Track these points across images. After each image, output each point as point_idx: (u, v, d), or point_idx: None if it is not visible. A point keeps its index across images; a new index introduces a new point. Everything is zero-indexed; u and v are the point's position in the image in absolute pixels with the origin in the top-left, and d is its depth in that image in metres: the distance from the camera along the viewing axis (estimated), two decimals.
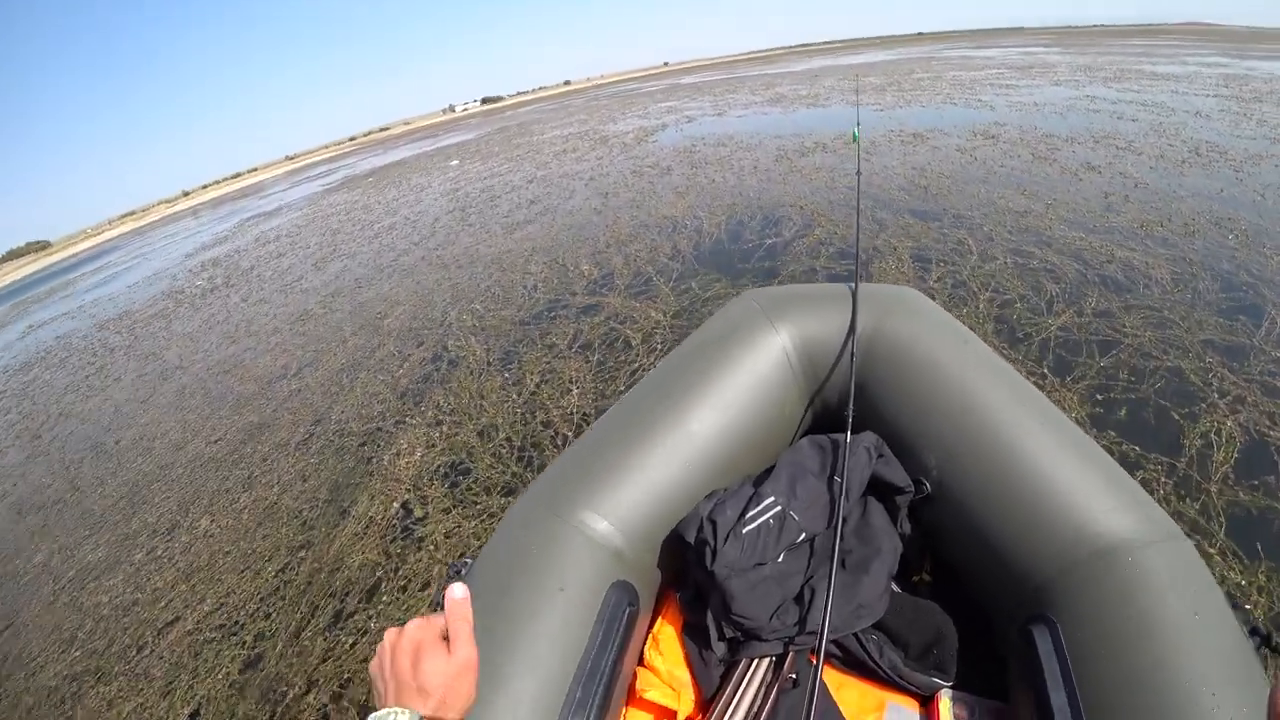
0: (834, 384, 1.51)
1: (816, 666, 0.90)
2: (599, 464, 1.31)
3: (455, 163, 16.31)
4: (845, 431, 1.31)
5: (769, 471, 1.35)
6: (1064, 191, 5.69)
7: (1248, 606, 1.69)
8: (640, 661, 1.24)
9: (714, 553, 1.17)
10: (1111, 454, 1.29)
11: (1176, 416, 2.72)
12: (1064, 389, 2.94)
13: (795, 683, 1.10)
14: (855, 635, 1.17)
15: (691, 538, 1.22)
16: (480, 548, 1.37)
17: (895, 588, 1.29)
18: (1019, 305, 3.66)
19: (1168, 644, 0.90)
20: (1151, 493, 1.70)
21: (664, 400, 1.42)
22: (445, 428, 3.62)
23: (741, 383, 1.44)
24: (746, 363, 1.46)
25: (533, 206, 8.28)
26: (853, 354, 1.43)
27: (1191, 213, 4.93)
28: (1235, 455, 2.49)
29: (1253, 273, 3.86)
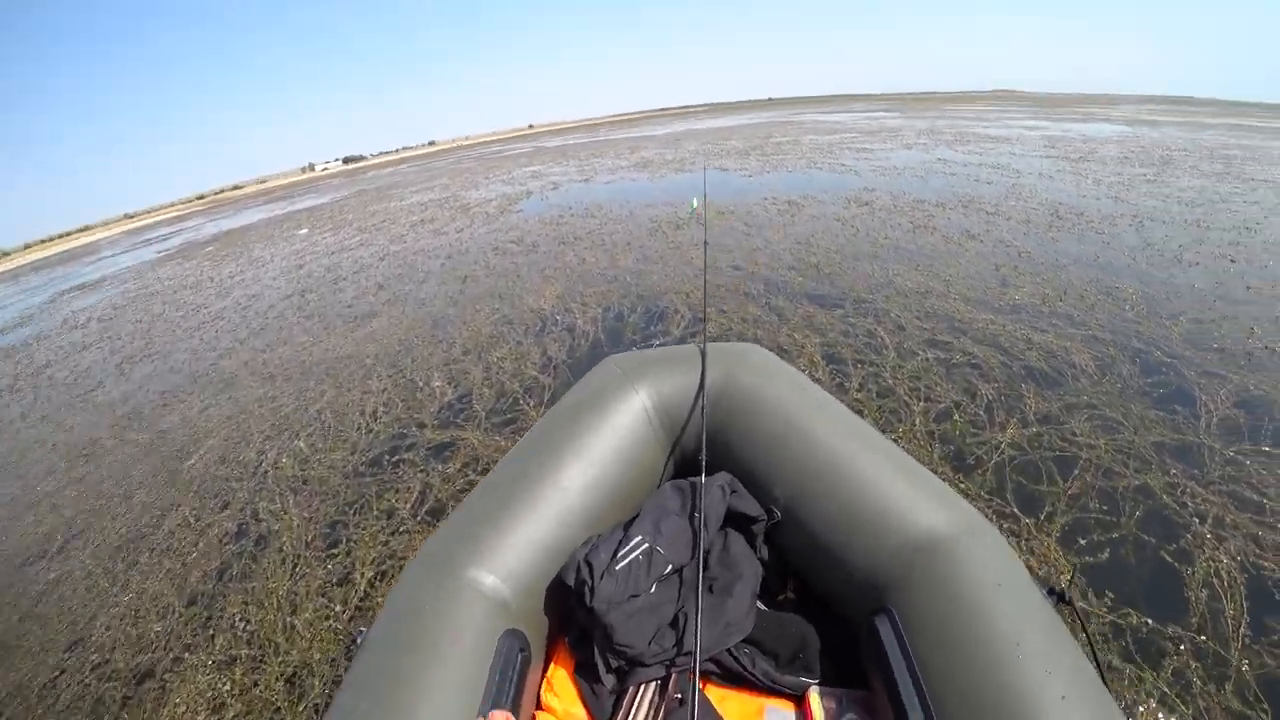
0: (689, 433, 1.70)
1: (694, 683, 1.08)
2: (483, 523, 1.42)
3: (304, 231, 14.83)
4: (700, 474, 1.52)
5: (638, 516, 1.51)
6: (955, 265, 5.56)
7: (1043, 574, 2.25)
8: (538, 705, 1.33)
9: (592, 590, 1.29)
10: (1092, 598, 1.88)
11: (1169, 558, 2.34)
12: (1041, 533, 2.45)
13: (681, 701, 1.23)
14: (729, 651, 1.33)
15: (571, 580, 1.34)
16: (375, 615, 1.37)
17: (761, 605, 1.48)
18: (958, 417, 3.21)
19: (982, 614, 1.09)
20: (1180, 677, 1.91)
21: (539, 460, 1.56)
22: (240, 673, 2.46)
23: (607, 439, 1.61)
24: (611, 421, 1.64)
25: (381, 293, 7.25)
26: (703, 406, 1.66)
27: (1081, 283, 4.91)
28: (1245, 603, 2.14)
29: (1163, 348, 3.75)
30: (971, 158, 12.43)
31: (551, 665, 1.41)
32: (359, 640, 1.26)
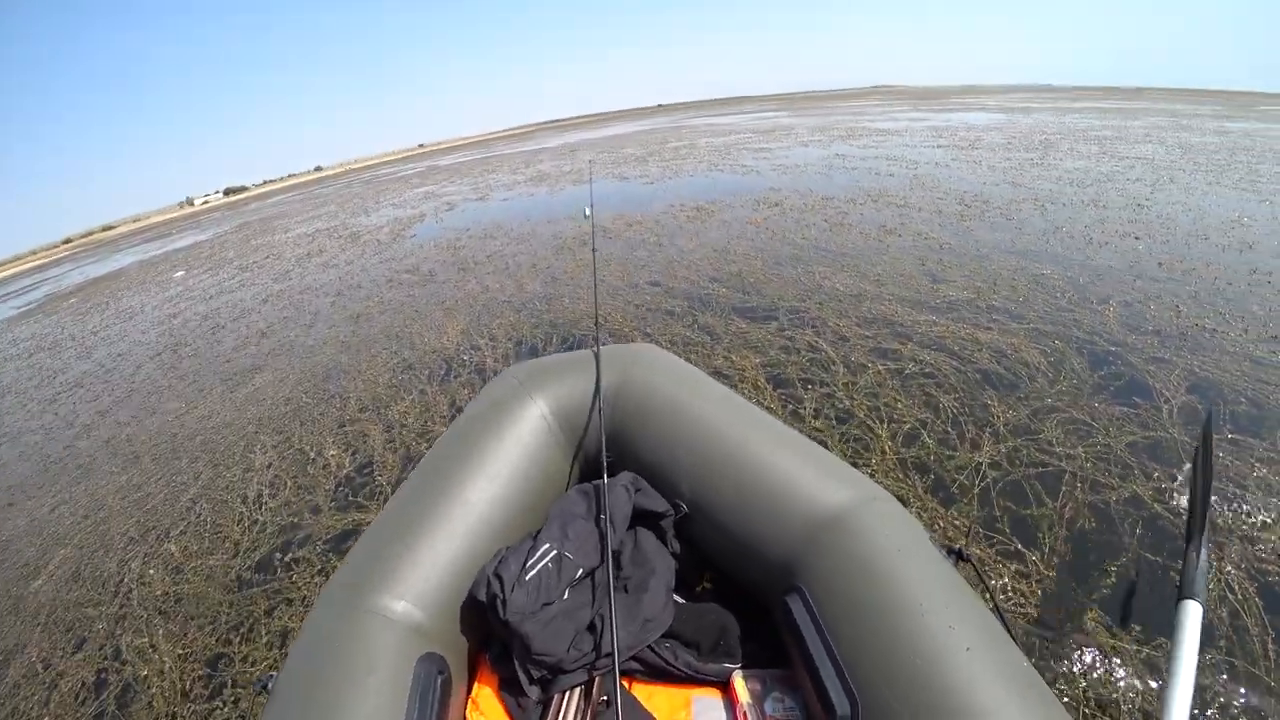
0: (590, 437, 1.73)
1: (617, 682, 1.09)
2: (388, 549, 1.40)
3: (180, 274, 13.27)
4: (603, 475, 1.55)
5: (545, 524, 1.52)
6: (880, 263, 5.37)
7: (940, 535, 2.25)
8: None
9: (504, 603, 1.29)
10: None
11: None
12: (1044, 566, 2.17)
13: (608, 703, 1.23)
14: (650, 647, 1.34)
15: (483, 595, 1.33)
16: (284, 657, 1.44)
17: (678, 599, 1.51)
18: (927, 438, 2.90)
19: (887, 580, 1.13)
20: None
21: (442, 478, 1.55)
22: None
23: (509, 450, 1.63)
24: (511, 432, 1.66)
25: (264, 342, 6.38)
26: (600, 409, 1.71)
27: (1007, 272, 4.81)
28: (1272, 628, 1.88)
29: (1104, 336, 3.65)
30: (867, 151, 12.63)
31: (475, 685, 1.39)
32: (270, 685, 1.22)
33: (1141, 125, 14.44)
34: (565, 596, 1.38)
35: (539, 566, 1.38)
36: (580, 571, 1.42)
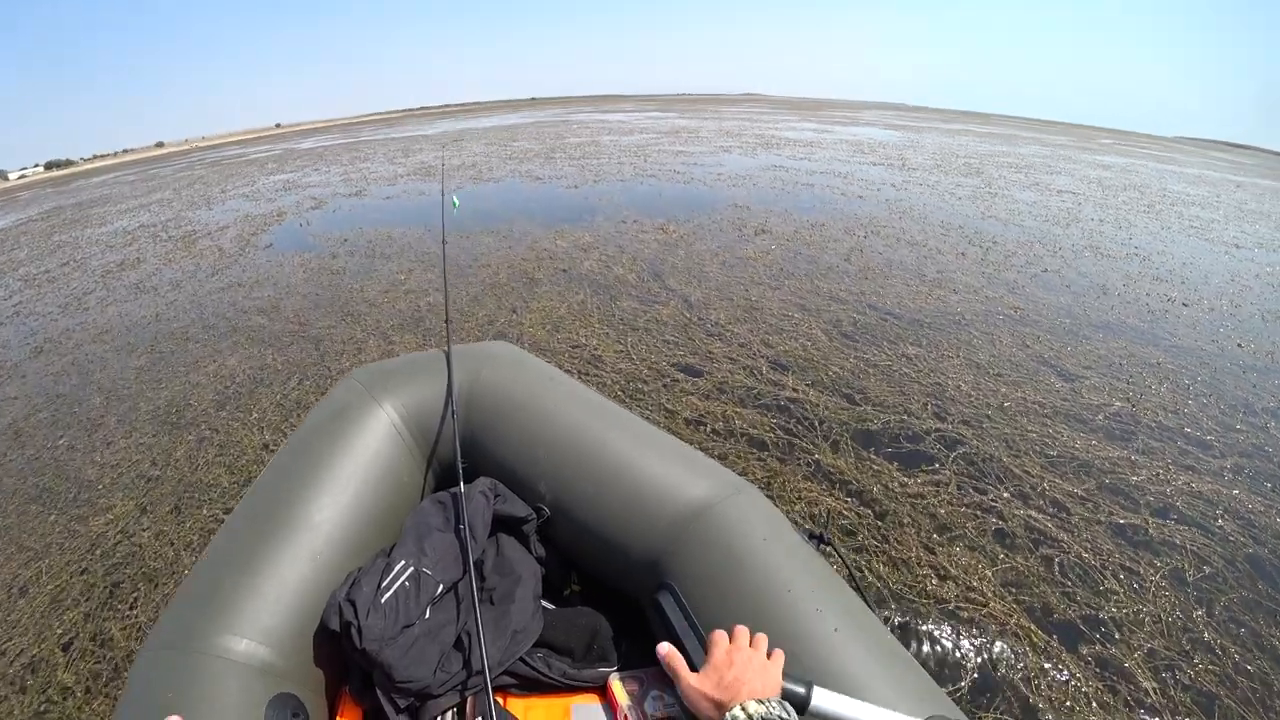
0: (444, 443, 1.60)
1: (490, 700, 0.99)
2: (224, 580, 1.24)
3: None
4: (459, 483, 1.42)
5: (399, 540, 1.39)
6: (973, 340, 4.12)
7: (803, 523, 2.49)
8: None
9: (360, 630, 1.17)
10: None
11: None
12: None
13: None
14: (522, 659, 1.24)
15: (336, 624, 1.21)
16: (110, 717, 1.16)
17: (548, 605, 1.40)
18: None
19: (754, 568, 1.14)
20: None
21: (281, 498, 1.39)
22: None
23: (356, 462, 1.47)
24: (358, 442, 1.50)
25: (25, 451, 3.85)
26: (454, 411, 1.57)
27: (1129, 363, 3.86)
28: None
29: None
30: (803, 164, 11.52)
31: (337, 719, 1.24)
32: None
33: (1030, 152, 14.55)
34: (426, 615, 1.26)
35: (395, 586, 1.25)
36: (440, 587, 1.30)
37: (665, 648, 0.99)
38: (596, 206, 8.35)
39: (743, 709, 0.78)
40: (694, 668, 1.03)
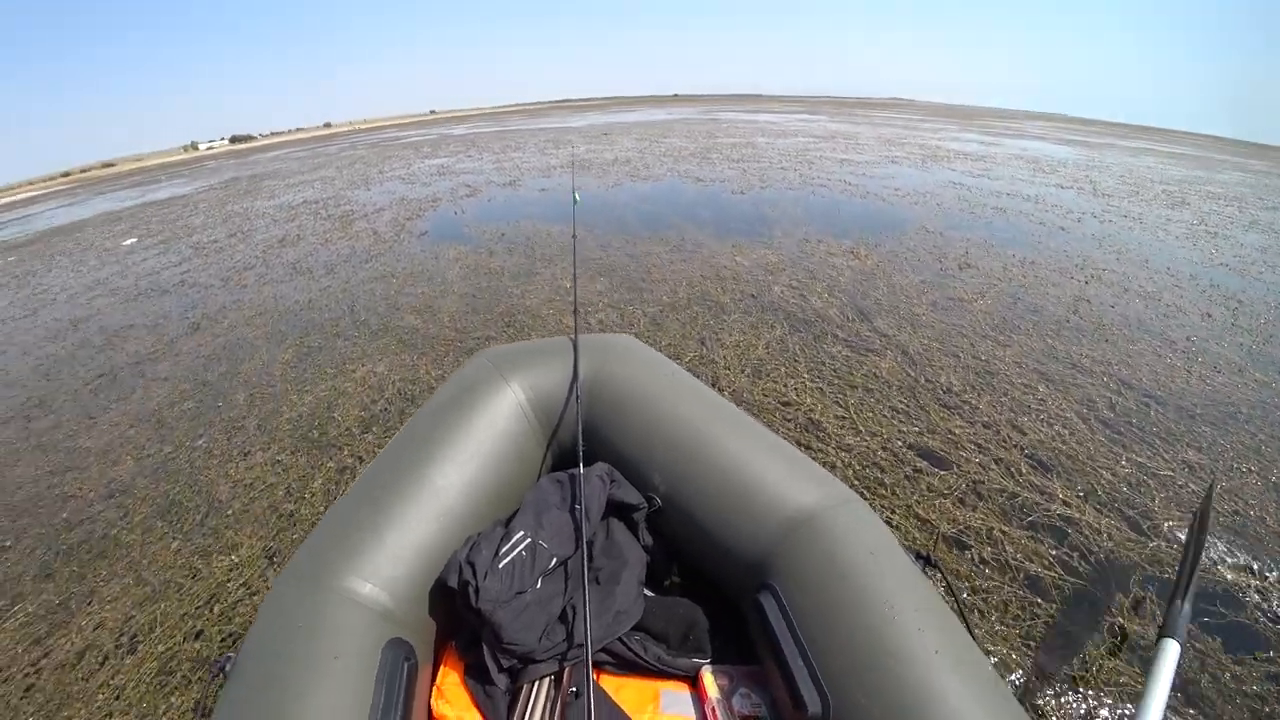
0: (566, 425, 1.66)
1: (588, 674, 1.04)
2: (356, 529, 1.32)
3: (130, 243, 10.11)
4: (578, 465, 1.48)
5: (518, 511, 1.47)
6: (1247, 423, 3.09)
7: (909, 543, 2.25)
8: (429, 714, 1.24)
9: (476, 590, 1.23)
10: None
11: None
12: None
13: (576, 694, 1.18)
14: (620, 639, 1.29)
15: (454, 582, 1.28)
16: (242, 639, 1.20)
17: (649, 592, 1.48)
18: None
19: (859, 582, 1.11)
20: None
21: (412, 460, 1.47)
22: None
23: (482, 434, 1.55)
24: (485, 416, 1.58)
25: (164, 447, 3.55)
26: (578, 397, 1.63)
27: None
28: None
29: None
30: (979, 181, 10.05)
31: (440, 672, 1.33)
32: (227, 668, 1.13)
33: (1234, 180, 12.00)
34: (538, 585, 1.32)
35: (513, 554, 1.32)
36: (554, 561, 1.37)
37: None
38: (770, 218, 7.52)
39: None
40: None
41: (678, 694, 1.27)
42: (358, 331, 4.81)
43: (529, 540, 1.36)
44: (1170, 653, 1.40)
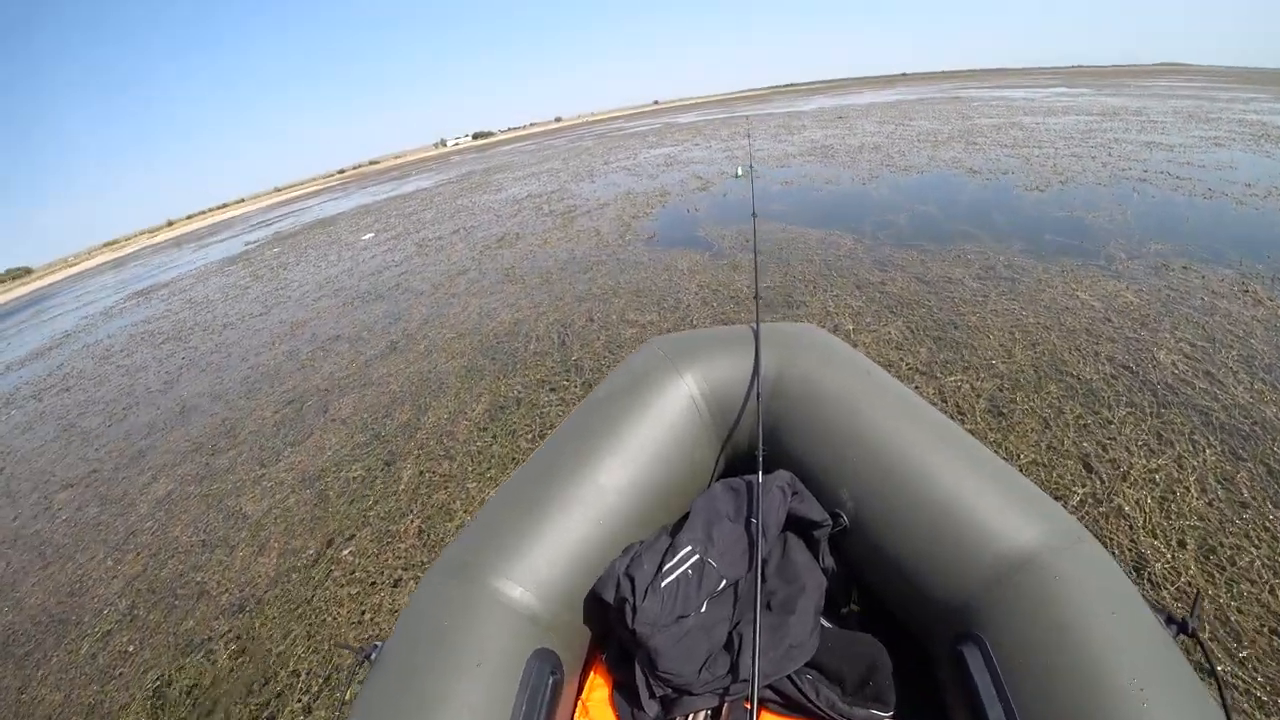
0: (744, 426, 1.46)
1: (752, 714, 0.85)
2: (509, 527, 1.20)
3: (369, 237, 10.63)
4: (757, 472, 1.26)
5: (684, 520, 1.28)
6: None
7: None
8: None
9: (634, 610, 1.08)
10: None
11: None
12: None
13: None
14: (789, 676, 1.10)
15: (610, 596, 1.13)
16: (393, 627, 1.10)
17: (825, 622, 1.25)
18: None
19: (1093, 646, 0.87)
20: None
21: (573, 455, 1.31)
22: None
23: (650, 432, 1.36)
24: (654, 411, 1.39)
25: (301, 497, 3.11)
26: (758, 394, 1.41)
27: None
28: None
29: None
30: None
31: (588, 685, 1.17)
32: (374, 655, 1.07)
33: None
34: (703, 609, 1.14)
35: (678, 572, 1.14)
36: (723, 583, 1.17)
37: None
38: (1093, 227, 5.29)
39: None
40: None
41: None
42: (567, 379, 3.70)
43: (697, 557, 1.16)
44: None
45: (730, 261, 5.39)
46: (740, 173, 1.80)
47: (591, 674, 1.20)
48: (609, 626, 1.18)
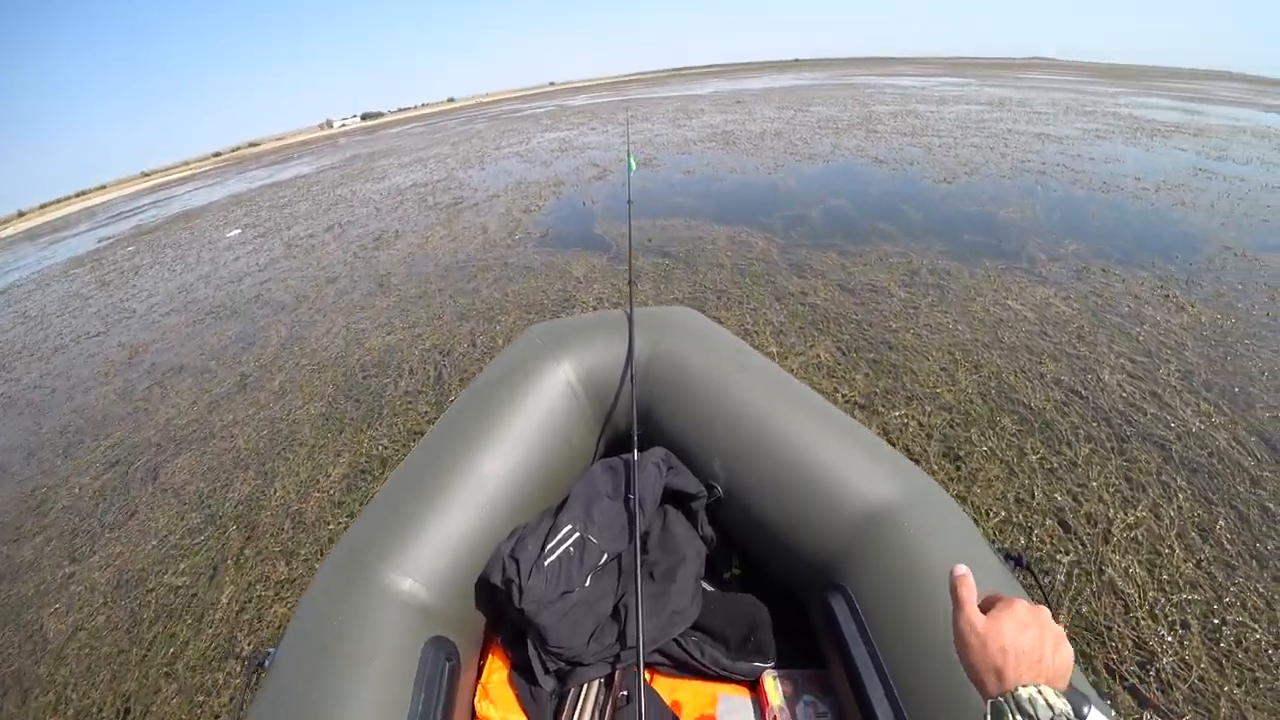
0: (620, 407, 1.48)
1: (640, 678, 0.90)
2: (397, 520, 1.19)
3: (234, 234, 9.23)
4: (633, 450, 1.30)
5: (566, 501, 1.30)
6: None
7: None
8: (472, 715, 1.14)
9: (520, 590, 1.11)
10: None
11: None
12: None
13: (628, 698, 1.06)
14: (676, 640, 1.15)
15: (498, 579, 1.15)
16: (283, 631, 1.08)
17: (707, 587, 1.31)
18: None
19: (943, 585, 0.82)
20: None
21: (455, 445, 1.31)
22: None
23: (530, 418, 1.38)
24: (533, 398, 1.40)
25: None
26: (632, 376, 1.43)
27: None
28: None
29: None
30: (1223, 165, 7.00)
31: (486, 669, 1.20)
32: (266, 663, 1.05)
33: None
34: (587, 584, 1.18)
35: (560, 550, 1.17)
36: (605, 557, 1.21)
37: (961, 569, 0.61)
38: (1007, 224, 5.14)
39: (1040, 693, 0.49)
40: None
41: (737, 699, 1.13)
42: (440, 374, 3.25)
43: (577, 535, 1.19)
44: None
45: (637, 261, 4.82)
46: (635, 166, 1.56)
47: (490, 657, 1.21)
48: (502, 610, 1.18)
